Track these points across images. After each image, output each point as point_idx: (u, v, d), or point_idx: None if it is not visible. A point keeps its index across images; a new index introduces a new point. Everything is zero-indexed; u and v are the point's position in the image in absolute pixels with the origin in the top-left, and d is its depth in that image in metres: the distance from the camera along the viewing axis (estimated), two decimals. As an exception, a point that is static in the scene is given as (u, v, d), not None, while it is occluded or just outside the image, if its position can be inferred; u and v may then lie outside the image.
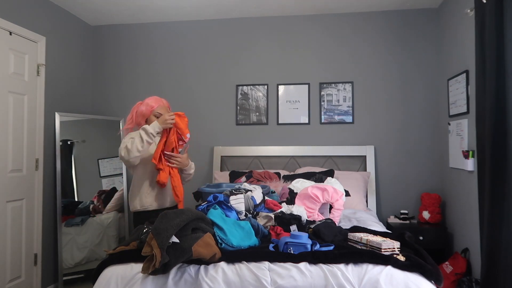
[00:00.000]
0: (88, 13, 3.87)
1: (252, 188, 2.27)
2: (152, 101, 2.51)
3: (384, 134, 3.76)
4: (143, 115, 2.50)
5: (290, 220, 2.05)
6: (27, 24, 3.18)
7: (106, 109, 4.16)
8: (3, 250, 2.92)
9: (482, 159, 2.51)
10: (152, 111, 2.49)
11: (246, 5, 3.67)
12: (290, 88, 3.89)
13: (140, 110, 2.50)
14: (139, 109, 2.51)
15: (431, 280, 1.63)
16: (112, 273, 1.71)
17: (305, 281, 1.61)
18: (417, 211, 3.64)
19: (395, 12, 3.77)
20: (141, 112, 2.50)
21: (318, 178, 2.78)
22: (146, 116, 2.50)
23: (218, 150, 3.92)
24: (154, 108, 2.49)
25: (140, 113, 2.50)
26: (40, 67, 3.31)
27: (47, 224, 3.39)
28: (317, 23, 3.88)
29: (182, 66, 4.07)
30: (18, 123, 3.09)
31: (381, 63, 3.78)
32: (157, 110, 2.49)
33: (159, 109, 2.49)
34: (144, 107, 2.50)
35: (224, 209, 2.02)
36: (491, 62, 2.34)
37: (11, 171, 3.02)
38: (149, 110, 2.49)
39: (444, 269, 3.08)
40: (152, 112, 2.49)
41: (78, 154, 3.63)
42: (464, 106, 3.06)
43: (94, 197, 3.68)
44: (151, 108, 2.49)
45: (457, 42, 3.24)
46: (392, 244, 1.74)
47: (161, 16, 3.95)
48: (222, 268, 1.67)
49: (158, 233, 1.58)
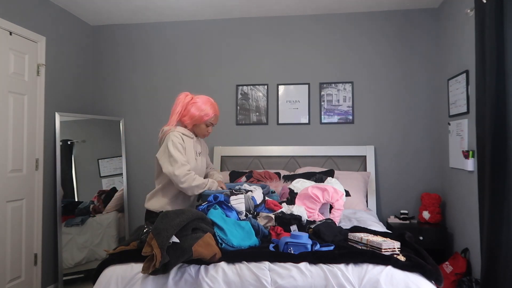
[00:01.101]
0: (88, 13, 3.87)
1: (252, 189, 2.27)
2: (208, 107, 2.33)
3: (384, 134, 3.76)
4: (194, 119, 2.33)
5: (290, 220, 2.05)
6: (27, 24, 3.18)
7: (106, 109, 4.16)
8: (3, 250, 2.92)
9: (482, 159, 2.51)
10: (206, 120, 2.34)
11: (246, 5, 3.67)
12: (290, 88, 3.90)
13: (192, 113, 2.32)
14: (191, 109, 2.32)
15: (431, 280, 1.63)
16: (112, 273, 1.71)
17: (305, 281, 1.61)
18: (417, 211, 3.64)
19: (395, 12, 3.78)
20: (193, 116, 2.32)
21: (318, 178, 2.78)
22: (197, 122, 2.34)
23: (218, 150, 3.92)
24: (210, 117, 2.34)
25: (191, 116, 2.32)
26: (40, 67, 3.31)
27: (47, 224, 3.39)
28: (317, 23, 3.88)
29: (182, 66, 4.07)
30: (18, 123, 3.09)
31: (381, 63, 3.78)
32: (211, 120, 2.35)
33: (213, 120, 2.36)
34: (197, 112, 2.31)
35: (225, 209, 2.02)
36: (491, 62, 2.34)
37: (11, 171, 3.02)
38: (203, 119, 2.33)
39: (444, 269, 3.08)
40: (205, 122, 2.34)
41: (78, 154, 3.63)
42: (464, 106, 3.06)
43: (94, 197, 3.68)
44: (206, 117, 2.33)
45: (457, 42, 3.24)
46: (392, 244, 1.74)
47: (161, 16, 3.95)
48: (222, 268, 1.67)
49: (158, 233, 1.58)
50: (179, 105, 2.34)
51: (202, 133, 2.42)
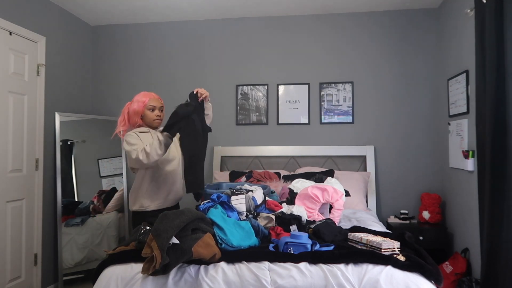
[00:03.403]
0: (88, 13, 3.87)
1: (253, 189, 2.27)
2: (141, 97, 2.45)
3: (384, 134, 3.76)
4: (136, 112, 2.43)
5: (290, 220, 2.05)
6: (27, 24, 3.18)
7: (106, 109, 4.16)
8: (3, 250, 2.92)
9: (482, 159, 2.51)
10: (145, 105, 2.43)
11: (246, 5, 3.67)
12: (290, 88, 3.89)
13: (132, 108, 2.43)
14: (130, 108, 2.44)
15: (431, 280, 1.64)
16: (112, 273, 1.71)
17: (305, 281, 1.61)
18: (417, 211, 3.64)
19: (395, 12, 3.77)
20: (134, 110, 2.42)
21: (318, 178, 2.78)
22: (140, 113, 2.43)
23: (218, 150, 3.92)
24: (146, 103, 2.42)
25: (133, 111, 2.43)
26: (40, 67, 3.31)
27: (47, 224, 3.39)
28: (317, 23, 3.88)
29: (182, 66, 4.07)
30: (18, 123, 3.09)
31: (381, 63, 3.78)
32: (150, 103, 2.43)
33: (151, 102, 2.44)
34: (135, 105, 2.42)
35: (226, 209, 2.02)
36: (491, 62, 2.34)
37: (11, 171, 3.02)
38: (142, 106, 2.42)
39: (444, 269, 3.08)
40: (145, 107, 2.43)
41: (78, 154, 3.63)
42: (464, 106, 3.06)
43: (94, 197, 3.67)
44: (143, 104, 2.42)
45: (457, 42, 3.24)
46: (392, 244, 1.74)
47: (161, 16, 3.95)
48: (222, 268, 1.67)
49: (158, 234, 1.58)
50: (122, 114, 2.46)
51: (151, 120, 2.44)
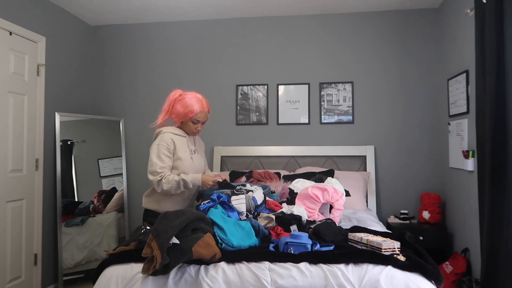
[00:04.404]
0: (88, 13, 3.87)
1: (253, 189, 2.26)
2: (193, 103, 2.26)
3: (384, 134, 3.76)
4: (180, 117, 2.28)
5: (291, 220, 2.05)
6: (27, 24, 3.18)
7: (106, 109, 4.16)
8: (3, 250, 2.92)
9: (482, 159, 2.51)
10: (191, 117, 2.27)
11: (246, 5, 3.66)
12: (290, 88, 3.89)
13: (177, 110, 2.26)
14: (176, 106, 2.27)
15: (431, 280, 1.64)
16: (112, 273, 1.71)
17: (305, 281, 1.61)
18: (417, 211, 3.64)
19: (395, 12, 3.77)
20: (178, 113, 2.27)
21: (318, 178, 2.78)
22: (183, 120, 2.29)
23: (218, 150, 3.92)
24: (194, 115, 2.27)
25: (177, 113, 2.27)
26: (40, 67, 3.31)
27: (47, 224, 3.39)
28: (317, 23, 3.88)
29: (182, 66, 4.07)
30: (18, 123, 3.09)
31: (381, 63, 3.78)
32: (196, 117, 2.28)
33: (199, 116, 2.28)
34: (182, 109, 2.25)
35: (226, 209, 2.02)
36: (491, 62, 2.34)
37: (11, 171, 3.02)
38: (188, 116, 2.27)
39: (444, 269, 3.08)
40: (191, 119, 2.28)
41: (78, 154, 3.63)
42: (464, 106, 3.06)
43: (94, 197, 3.67)
44: (191, 114, 2.26)
45: (457, 42, 3.24)
46: (392, 244, 1.74)
47: (161, 16, 3.95)
48: (222, 268, 1.67)
49: (158, 234, 1.58)
50: (167, 103, 2.31)
51: (190, 131, 2.36)
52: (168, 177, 2.19)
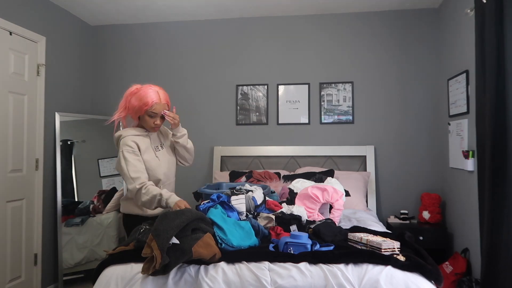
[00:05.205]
0: (88, 13, 3.87)
1: (253, 189, 2.26)
2: (148, 95, 2.07)
3: (384, 134, 3.76)
4: (135, 111, 2.11)
5: (290, 220, 2.05)
6: (27, 24, 3.18)
7: (106, 109, 4.16)
8: (3, 250, 2.92)
9: (482, 159, 2.51)
10: (146, 110, 2.08)
11: (246, 5, 3.67)
12: (290, 88, 3.89)
13: (132, 104, 2.09)
14: (131, 101, 2.10)
15: (431, 280, 1.63)
16: (112, 273, 1.71)
17: (305, 281, 1.61)
18: (417, 211, 3.63)
19: (395, 12, 3.77)
20: (132, 107, 2.09)
21: (318, 178, 2.78)
22: (139, 114, 2.12)
23: (218, 150, 3.92)
24: (149, 107, 2.07)
25: (132, 107, 2.10)
26: (40, 67, 3.31)
27: (47, 224, 3.39)
28: (317, 23, 3.88)
29: (182, 66, 4.07)
30: (18, 123, 3.09)
31: (381, 63, 3.78)
32: (152, 110, 2.08)
33: (154, 108, 2.08)
34: (136, 102, 2.08)
35: (226, 209, 2.02)
36: (491, 62, 2.34)
37: (11, 171, 3.02)
38: (143, 109, 2.08)
39: (444, 269, 3.08)
40: (146, 112, 2.09)
41: (78, 154, 3.63)
42: (464, 106, 3.06)
43: (94, 197, 3.68)
44: (145, 107, 2.07)
45: (457, 42, 3.24)
46: (392, 244, 1.74)
47: (161, 16, 3.95)
48: (222, 268, 1.67)
49: (158, 234, 1.58)
50: (123, 99, 2.14)
51: (149, 127, 2.16)
52: (149, 187, 2.01)
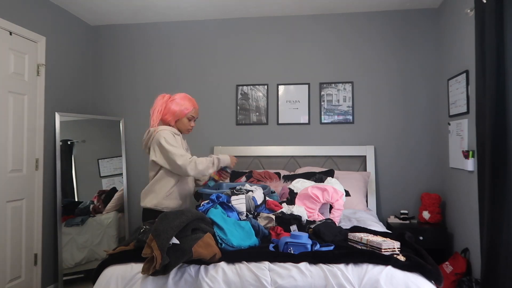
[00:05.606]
0: (88, 13, 3.87)
1: (253, 189, 2.26)
2: (186, 102, 2.45)
3: (384, 134, 3.76)
4: (175, 115, 2.44)
5: (290, 220, 2.05)
6: (27, 24, 3.18)
7: (106, 109, 4.16)
8: (3, 250, 2.92)
9: (482, 159, 2.51)
10: (187, 114, 2.45)
11: (246, 5, 3.66)
12: (290, 88, 3.89)
13: (173, 109, 2.42)
14: (170, 107, 2.43)
15: (431, 280, 1.63)
16: (112, 273, 1.71)
17: (305, 281, 1.61)
18: (417, 211, 3.64)
19: (395, 12, 3.77)
20: (173, 112, 2.43)
21: (318, 178, 2.78)
22: (179, 118, 2.45)
23: (218, 150, 3.92)
24: (190, 111, 2.46)
25: (172, 112, 2.43)
26: (40, 67, 3.31)
27: (47, 224, 3.39)
28: (317, 23, 3.88)
29: (182, 66, 4.07)
30: (18, 123, 3.09)
31: (381, 63, 3.78)
32: (192, 113, 2.47)
33: (194, 112, 2.48)
34: (177, 107, 2.43)
35: (226, 209, 2.02)
36: (491, 62, 2.34)
37: (11, 171, 3.02)
38: (184, 113, 2.44)
39: (444, 269, 3.08)
40: (186, 115, 2.45)
41: (78, 154, 3.63)
42: (464, 106, 3.06)
43: (94, 197, 3.68)
44: (186, 111, 2.45)
45: (457, 42, 3.24)
46: (392, 244, 1.74)
47: (161, 16, 3.95)
48: (222, 268, 1.67)
49: (158, 234, 1.58)
50: (158, 104, 2.44)
51: (185, 128, 2.50)
52: (198, 158, 2.31)
